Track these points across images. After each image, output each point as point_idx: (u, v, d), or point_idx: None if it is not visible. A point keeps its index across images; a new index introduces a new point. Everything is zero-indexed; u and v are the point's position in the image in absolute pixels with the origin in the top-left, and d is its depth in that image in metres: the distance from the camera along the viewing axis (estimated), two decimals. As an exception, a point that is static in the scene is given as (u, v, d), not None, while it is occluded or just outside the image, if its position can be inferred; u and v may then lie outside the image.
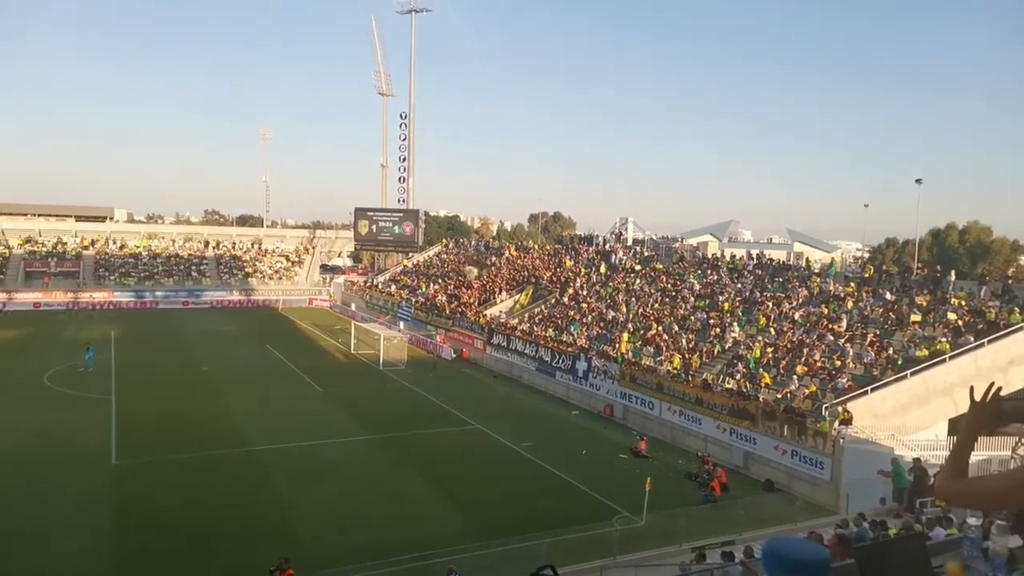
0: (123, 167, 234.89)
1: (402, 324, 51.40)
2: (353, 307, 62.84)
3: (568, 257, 53.43)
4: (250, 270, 74.97)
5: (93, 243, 73.34)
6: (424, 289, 59.12)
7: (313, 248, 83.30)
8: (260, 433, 27.13)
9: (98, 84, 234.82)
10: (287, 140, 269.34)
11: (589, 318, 40.33)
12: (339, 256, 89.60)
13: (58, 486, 21.02)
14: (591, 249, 53.53)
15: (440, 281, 59.70)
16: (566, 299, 44.82)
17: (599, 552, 16.69)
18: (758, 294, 35.68)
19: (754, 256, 42.63)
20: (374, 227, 72.14)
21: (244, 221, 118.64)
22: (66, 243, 72.12)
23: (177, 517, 19.23)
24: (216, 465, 23.46)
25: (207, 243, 78.83)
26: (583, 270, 48.97)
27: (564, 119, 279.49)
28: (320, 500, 20.96)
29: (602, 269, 47.70)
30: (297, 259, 79.54)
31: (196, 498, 20.62)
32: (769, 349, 29.81)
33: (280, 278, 75.30)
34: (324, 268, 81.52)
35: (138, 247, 74.75)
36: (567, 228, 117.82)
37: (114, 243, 74.75)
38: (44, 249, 70.10)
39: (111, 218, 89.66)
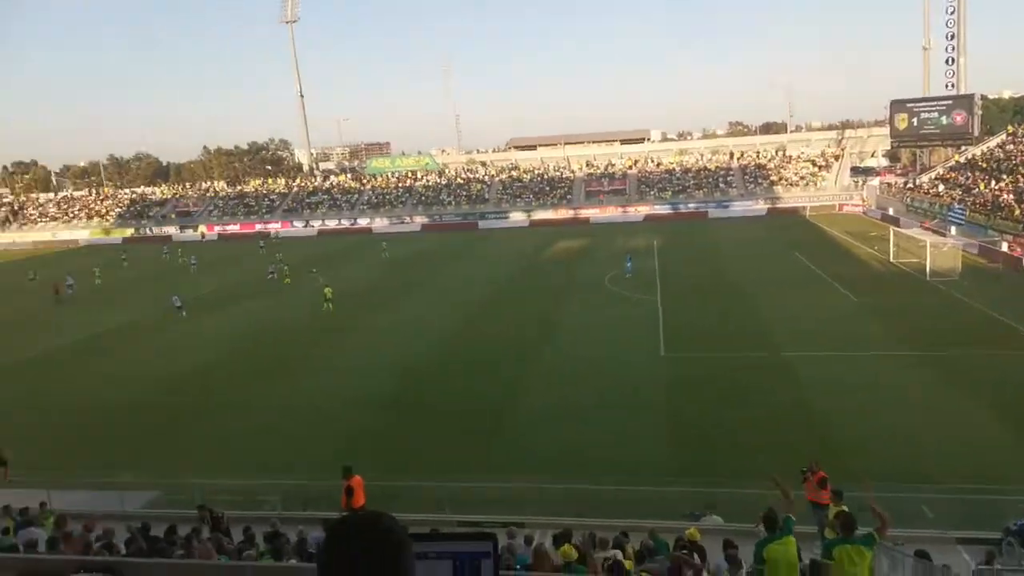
0: (655, 91, 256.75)
1: (953, 229, 44.72)
2: (891, 211, 56.99)
3: None
4: (775, 178, 74.36)
5: (635, 163, 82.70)
6: (982, 188, 49.68)
7: (841, 150, 77.87)
8: (791, 339, 27.35)
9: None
10: (811, 34, 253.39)
11: None
12: (872, 156, 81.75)
13: (621, 369, 25.14)
14: None
15: (1005, 177, 49.27)
16: None
17: None
18: None
19: None
20: (914, 120, 63.22)
21: (767, 129, 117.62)
22: (614, 164, 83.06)
23: (717, 408, 21.04)
24: (749, 366, 24.67)
25: (732, 154, 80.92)
26: None
27: None
28: (856, 412, 20.19)
29: None
30: (824, 163, 75.39)
31: (732, 393, 22.15)
32: None
33: (806, 184, 72.73)
34: (855, 171, 75.56)
35: (671, 163, 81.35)
36: None
37: (651, 161, 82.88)
38: (598, 171, 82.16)
39: (648, 139, 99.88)
